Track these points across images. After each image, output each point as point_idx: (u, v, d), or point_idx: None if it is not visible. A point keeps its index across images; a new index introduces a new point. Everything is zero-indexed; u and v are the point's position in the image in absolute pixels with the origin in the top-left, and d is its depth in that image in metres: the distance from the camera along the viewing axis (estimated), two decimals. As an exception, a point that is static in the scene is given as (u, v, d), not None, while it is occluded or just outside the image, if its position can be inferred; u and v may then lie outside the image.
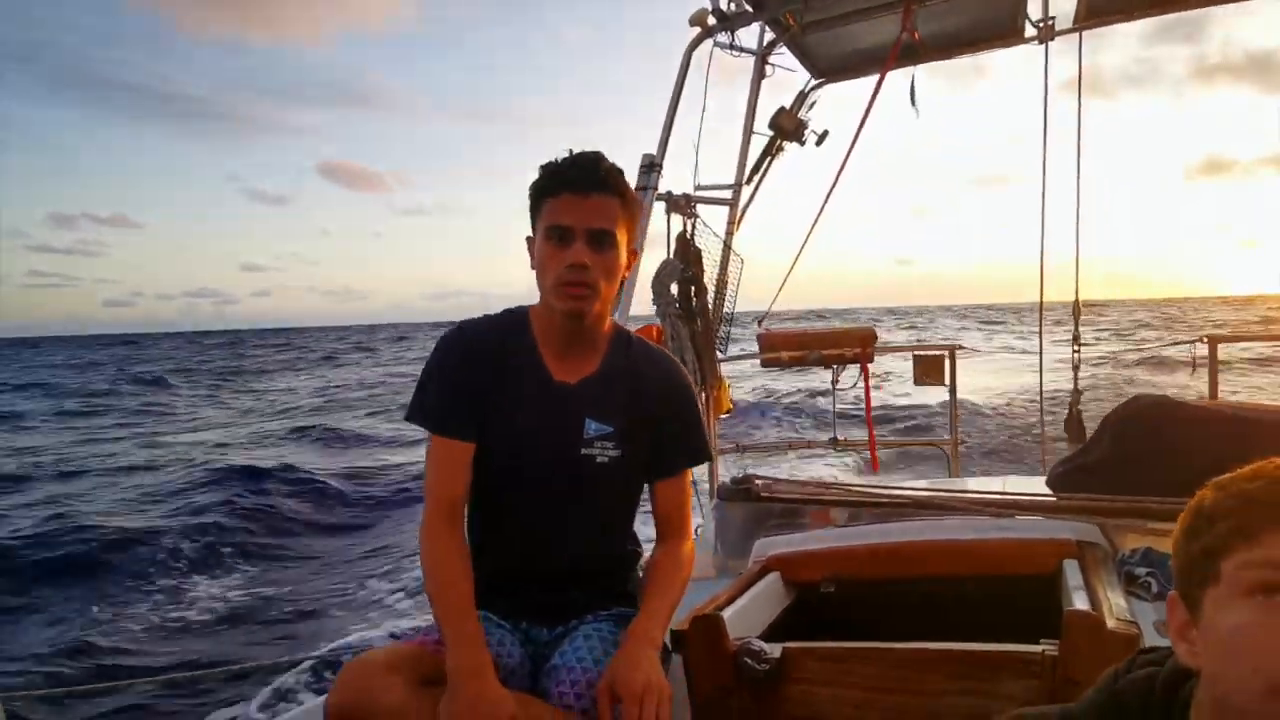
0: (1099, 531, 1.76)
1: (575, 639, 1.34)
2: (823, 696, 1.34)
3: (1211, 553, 0.66)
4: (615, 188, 1.30)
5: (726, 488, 2.37)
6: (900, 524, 1.99)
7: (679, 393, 1.43)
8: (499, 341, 1.37)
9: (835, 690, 1.33)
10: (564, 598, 1.39)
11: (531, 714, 1.18)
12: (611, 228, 1.29)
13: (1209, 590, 0.67)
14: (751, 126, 3.45)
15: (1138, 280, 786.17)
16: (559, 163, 1.30)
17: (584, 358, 1.38)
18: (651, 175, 2.92)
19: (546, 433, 1.35)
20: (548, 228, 1.28)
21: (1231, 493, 0.67)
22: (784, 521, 2.24)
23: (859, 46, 3.43)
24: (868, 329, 3.81)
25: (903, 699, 1.29)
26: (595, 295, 1.29)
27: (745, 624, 1.55)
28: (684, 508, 1.44)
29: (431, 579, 1.27)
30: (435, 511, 1.30)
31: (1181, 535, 0.71)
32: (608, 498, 1.40)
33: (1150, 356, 14.12)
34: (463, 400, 1.33)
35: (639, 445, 1.39)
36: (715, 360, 3.17)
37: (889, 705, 1.29)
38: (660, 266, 2.97)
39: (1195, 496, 0.71)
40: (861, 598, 1.78)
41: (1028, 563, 1.70)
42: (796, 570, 1.84)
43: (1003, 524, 1.87)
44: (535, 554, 1.38)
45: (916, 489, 2.39)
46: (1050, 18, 3.18)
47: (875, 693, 1.30)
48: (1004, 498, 2.05)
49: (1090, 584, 1.47)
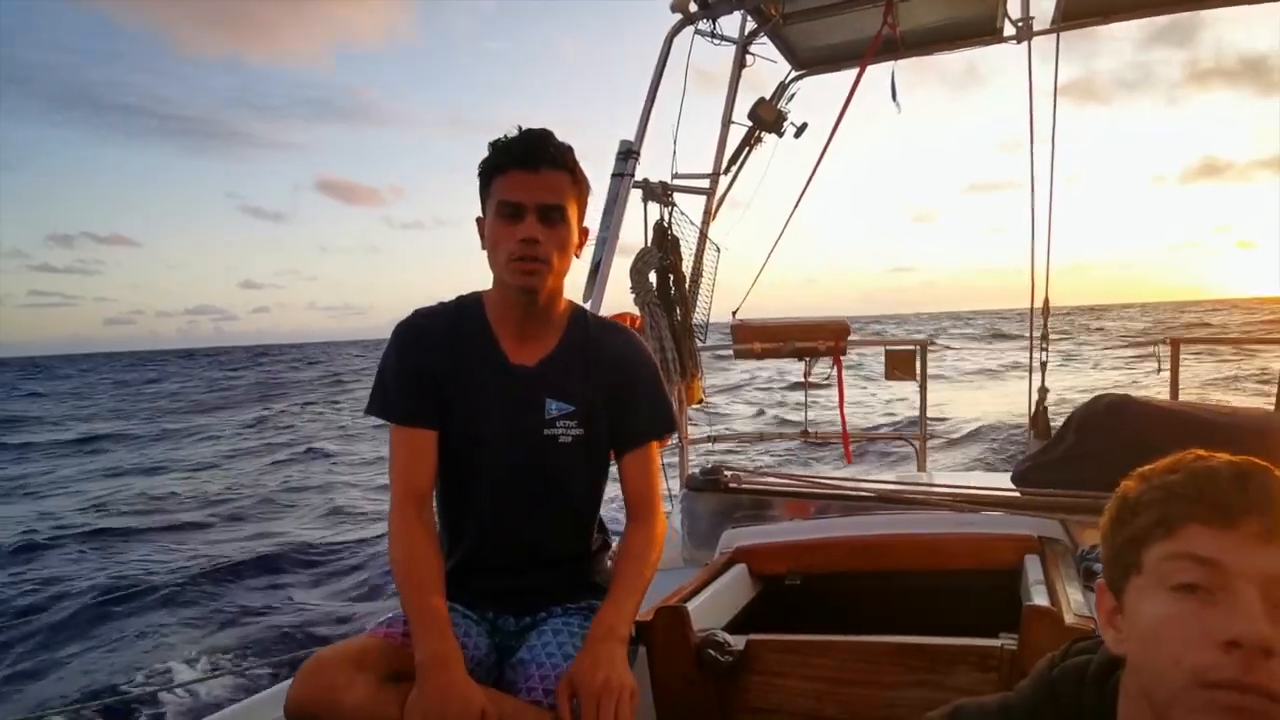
0: (1060, 527, 1.79)
1: (544, 633, 1.32)
2: (784, 688, 1.34)
3: (1134, 542, 0.67)
4: (564, 163, 1.29)
5: (695, 478, 2.37)
6: (867, 518, 2.00)
7: (638, 363, 1.41)
8: (454, 327, 1.35)
9: (796, 682, 1.33)
10: (531, 584, 1.37)
11: (502, 710, 1.15)
12: (562, 202, 1.28)
13: (1132, 579, 0.68)
14: (730, 116, 3.43)
15: (1137, 283, 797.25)
16: (508, 140, 1.29)
17: (541, 338, 1.36)
18: (628, 162, 2.89)
19: (507, 416, 1.33)
20: (499, 203, 1.27)
21: (1153, 484, 0.68)
22: (752, 513, 2.25)
23: (840, 39, 3.43)
24: (841, 322, 3.83)
25: (862, 690, 1.29)
26: (548, 269, 1.28)
27: (710, 615, 1.55)
28: (653, 484, 1.41)
29: (400, 568, 1.24)
30: (402, 501, 1.28)
31: (1108, 524, 0.72)
32: (573, 478, 1.38)
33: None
34: (420, 388, 1.31)
35: (601, 422, 1.37)
36: (695, 350, 3.16)
37: (848, 696, 1.30)
38: (638, 255, 2.95)
39: (1121, 486, 0.72)
40: (827, 590, 1.78)
41: (990, 558, 1.72)
42: (763, 562, 1.84)
43: (967, 519, 1.89)
44: (501, 539, 1.36)
45: (884, 483, 2.40)
46: (1029, 18, 3.20)
47: (835, 684, 1.31)
48: (969, 493, 2.07)
49: (1050, 579, 1.49)
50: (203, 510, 10.21)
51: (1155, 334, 32.20)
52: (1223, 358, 15.95)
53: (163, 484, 12.42)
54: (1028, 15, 3.20)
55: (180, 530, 9.21)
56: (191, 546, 8.39)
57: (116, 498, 11.36)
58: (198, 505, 10.54)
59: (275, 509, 10.15)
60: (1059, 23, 3.21)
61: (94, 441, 18.66)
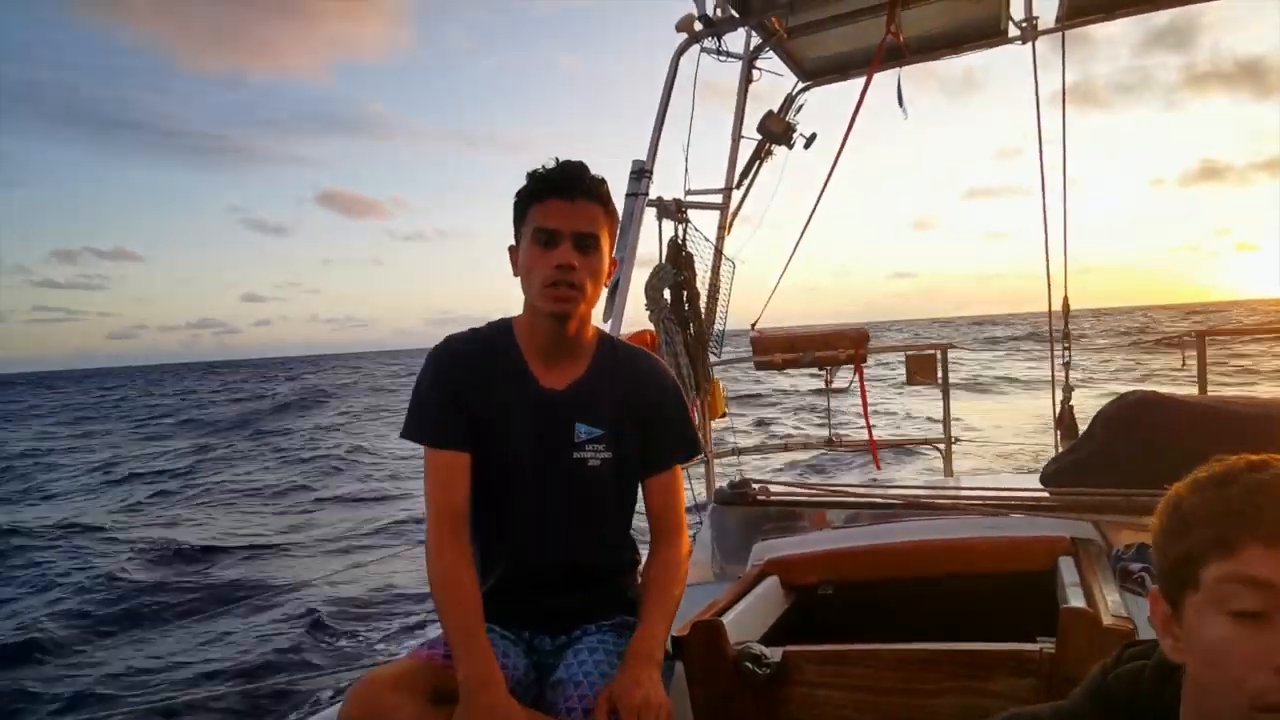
0: (1093, 528, 1.78)
1: (579, 651, 1.34)
2: (823, 699, 1.34)
3: (1191, 558, 0.67)
4: (599, 195, 1.33)
5: (723, 491, 2.37)
6: (896, 525, 2.00)
7: (663, 388, 1.44)
8: (485, 352, 1.38)
9: (835, 692, 1.34)
10: (565, 603, 1.39)
11: None
12: (596, 231, 1.32)
13: (1189, 595, 0.68)
14: (740, 131, 3.47)
15: (1138, 286, 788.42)
16: (546, 170, 1.33)
17: (571, 363, 1.39)
18: (642, 181, 2.93)
19: (537, 439, 1.36)
20: (535, 230, 1.31)
21: (1207, 498, 0.67)
22: (781, 524, 2.25)
23: (845, 49, 3.46)
24: (860, 329, 3.82)
25: (902, 699, 1.29)
26: (581, 297, 1.31)
27: (745, 628, 1.56)
28: (677, 505, 1.44)
29: (439, 590, 1.27)
30: (438, 523, 1.31)
31: (1160, 534, 0.71)
32: (602, 501, 1.40)
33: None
34: (454, 412, 1.34)
35: (629, 445, 1.40)
36: (708, 364, 3.17)
37: (888, 705, 1.30)
38: (652, 272, 2.97)
39: (1170, 493, 0.72)
40: (860, 599, 1.78)
41: (1023, 561, 1.71)
42: (794, 573, 1.85)
43: (998, 523, 1.88)
44: (533, 560, 1.39)
45: (912, 489, 2.40)
46: (1033, 18, 3.21)
47: (875, 694, 1.31)
48: (998, 496, 2.06)
49: (1085, 581, 1.48)
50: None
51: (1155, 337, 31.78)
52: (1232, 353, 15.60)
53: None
54: (1031, 15, 3.21)
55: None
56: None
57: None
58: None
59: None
60: (1063, 21, 3.22)
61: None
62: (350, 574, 7.93)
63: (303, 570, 8.33)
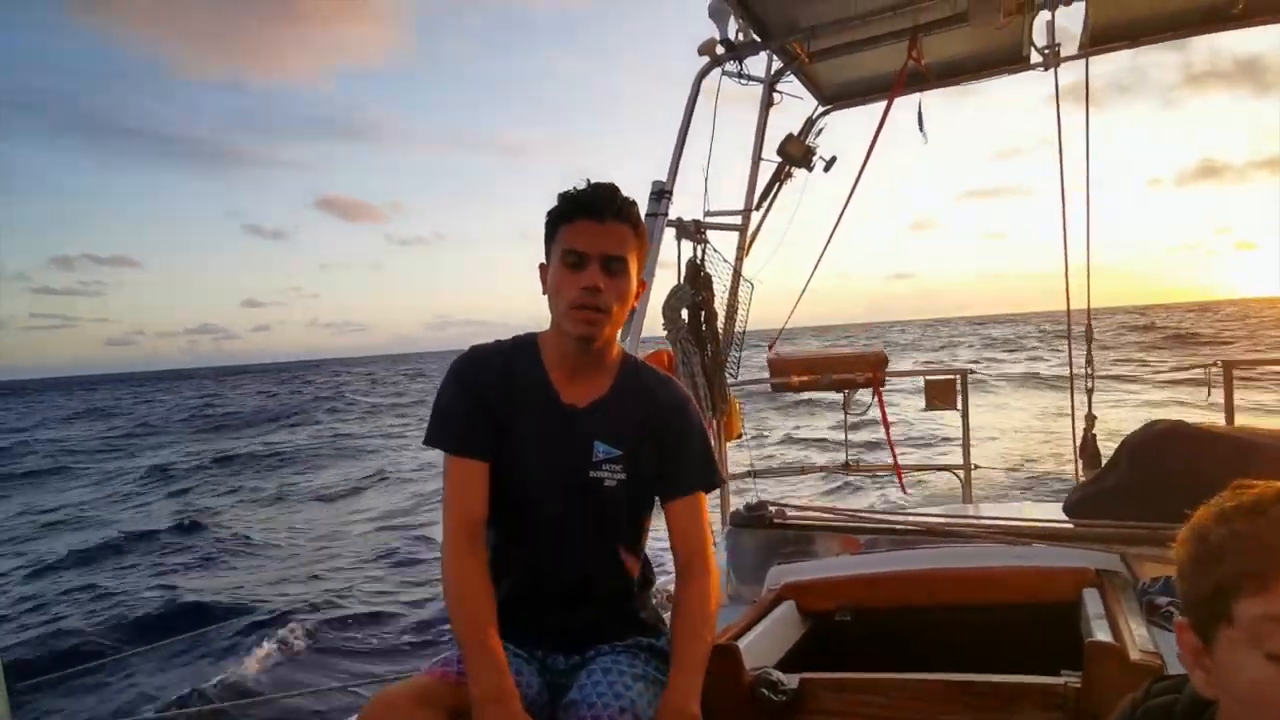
0: (1119, 560, 1.74)
1: (594, 672, 1.32)
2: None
3: (1223, 591, 0.65)
4: (629, 217, 1.34)
5: (739, 514, 2.35)
6: (916, 552, 1.97)
7: (684, 414, 1.43)
8: (508, 365, 1.39)
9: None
10: (578, 621, 1.38)
11: None
12: (624, 254, 1.33)
13: (1223, 630, 0.66)
14: (760, 153, 3.48)
15: (1138, 284, 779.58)
16: (577, 191, 1.34)
17: (593, 381, 1.40)
18: (662, 202, 2.95)
19: (556, 455, 1.36)
20: (564, 251, 1.31)
21: (1237, 530, 0.66)
22: (798, 548, 2.23)
23: (865, 74, 3.47)
24: (878, 352, 3.80)
25: None
26: (607, 319, 1.32)
27: (761, 653, 1.54)
28: (704, 536, 1.41)
29: (453, 600, 1.27)
30: (456, 532, 1.31)
31: (1188, 565, 0.70)
32: (617, 520, 1.40)
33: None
34: (476, 421, 1.35)
35: (646, 468, 1.39)
36: (725, 385, 3.16)
37: None
38: (671, 292, 2.98)
39: (1195, 521, 0.70)
40: (877, 626, 1.76)
41: (1047, 592, 1.68)
42: (811, 599, 1.82)
43: (1020, 552, 1.85)
44: (547, 577, 1.38)
45: (932, 516, 2.36)
46: (1055, 44, 3.21)
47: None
48: (1021, 525, 2.03)
49: (1111, 614, 1.45)
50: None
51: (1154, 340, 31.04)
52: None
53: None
54: (1054, 42, 3.21)
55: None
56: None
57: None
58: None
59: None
60: (1086, 48, 3.22)
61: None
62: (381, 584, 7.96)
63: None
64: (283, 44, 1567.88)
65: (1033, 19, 3.12)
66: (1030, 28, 3.20)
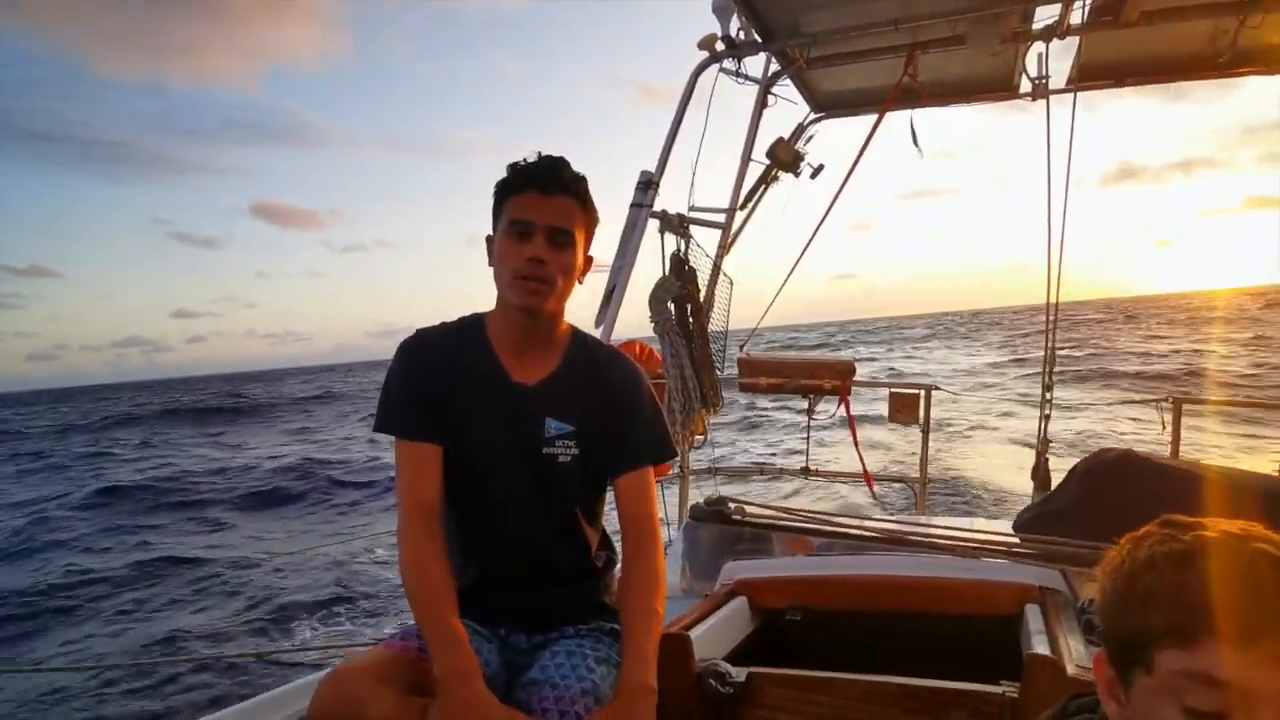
0: (1061, 578, 1.80)
1: (556, 653, 1.33)
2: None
3: (1143, 637, 0.65)
4: (577, 191, 1.33)
5: (699, 508, 2.38)
6: (868, 558, 2.01)
7: (637, 389, 1.43)
8: (455, 345, 1.38)
9: (796, 717, 1.34)
10: (540, 602, 1.39)
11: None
12: (570, 228, 1.32)
13: (1140, 675, 0.66)
14: (750, 154, 3.50)
15: (1068, 282, 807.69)
16: (526, 163, 1.33)
17: (542, 358, 1.39)
18: (648, 192, 2.95)
19: (507, 434, 1.35)
20: (510, 221, 1.31)
21: (1166, 581, 0.65)
22: (753, 546, 2.26)
23: (861, 85, 3.51)
24: (847, 362, 3.86)
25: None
26: (551, 290, 1.31)
27: (711, 645, 1.56)
28: (650, 509, 1.40)
29: (412, 583, 1.26)
30: (410, 515, 1.30)
31: (1111, 599, 0.69)
32: (572, 497, 1.39)
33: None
34: (424, 404, 1.34)
35: (599, 443, 1.39)
36: (716, 379, 3.17)
37: None
38: (657, 284, 2.98)
39: (1122, 555, 0.70)
40: (826, 627, 1.79)
41: (990, 604, 1.73)
42: (763, 595, 1.85)
43: (968, 564, 1.90)
44: (507, 555, 1.38)
45: (886, 523, 2.41)
46: (1046, 76, 3.28)
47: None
48: (970, 538, 2.08)
49: (1051, 629, 1.50)
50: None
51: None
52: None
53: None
54: (1045, 74, 3.28)
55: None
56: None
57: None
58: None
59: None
60: (1075, 83, 3.29)
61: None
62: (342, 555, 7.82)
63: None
64: (208, 44, 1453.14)
65: (1027, 49, 3.18)
66: (1023, 58, 3.27)
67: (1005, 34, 2.96)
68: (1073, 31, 2.96)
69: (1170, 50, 3.11)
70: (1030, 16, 2.92)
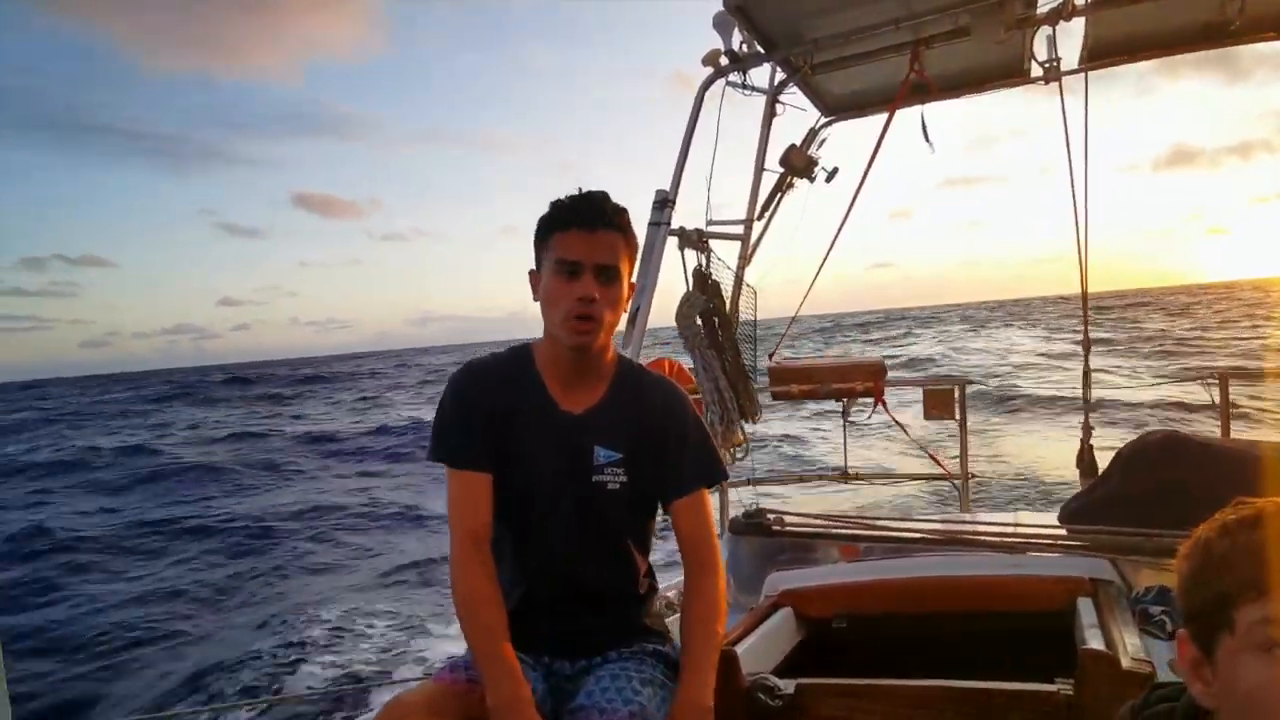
0: (1112, 568, 1.76)
1: (601, 678, 1.34)
2: None
3: (1224, 600, 0.68)
4: (620, 225, 1.36)
5: (738, 521, 2.37)
6: (912, 560, 1.99)
7: (683, 412, 1.45)
8: (505, 377, 1.42)
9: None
10: (585, 627, 1.40)
11: None
12: (617, 263, 1.35)
13: (1223, 637, 0.68)
14: (763, 163, 3.51)
15: (1114, 270, 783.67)
16: (568, 200, 1.36)
17: (590, 387, 1.42)
18: (665, 211, 2.97)
19: (557, 462, 1.38)
20: (557, 261, 1.33)
21: (1238, 542, 0.69)
22: (796, 555, 2.24)
23: (868, 85, 3.50)
24: (877, 361, 3.83)
25: None
26: (601, 327, 1.35)
27: (758, 659, 1.55)
28: (708, 533, 1.42)
29: (464, 611, 1.29)
30: (462, 544, 1.33)
31: (1188, 578, 0.72)
32: (620, 524, 1.42)
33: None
34: (475, 434, 1.37)
35: (647, 469, 1.41)
36: (752, 391, 3.16)
37: None
38: (683, 300, 2.99)
39: (1196, 536, 0.73)
40: (874, 634, 1.77)
41: (1040, 600, 1.69)
42: (809, 605, 1.84)
43: (1015, 561, 1.87)
44: (553, 584, 1.40)
45: (929, 524, 2.38)
46: (1056, 59, 3.24)
47: None
48: (1016, 534, 2.05)
49: (1104, 622, 1.47)
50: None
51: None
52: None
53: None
54: (1055, 56, 3.24)
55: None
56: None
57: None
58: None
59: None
60: (1086, 63, 3.25)
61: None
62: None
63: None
64: (250, 38, 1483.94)
65: (1034, 33, 3.15)
66: (1031, 42, 3.23)
67: (1010, 21, 2.93)
68: (1079, 12, 2.92)
69: (1180, 22, 3.05)
70: (1034, 2, 2.89)
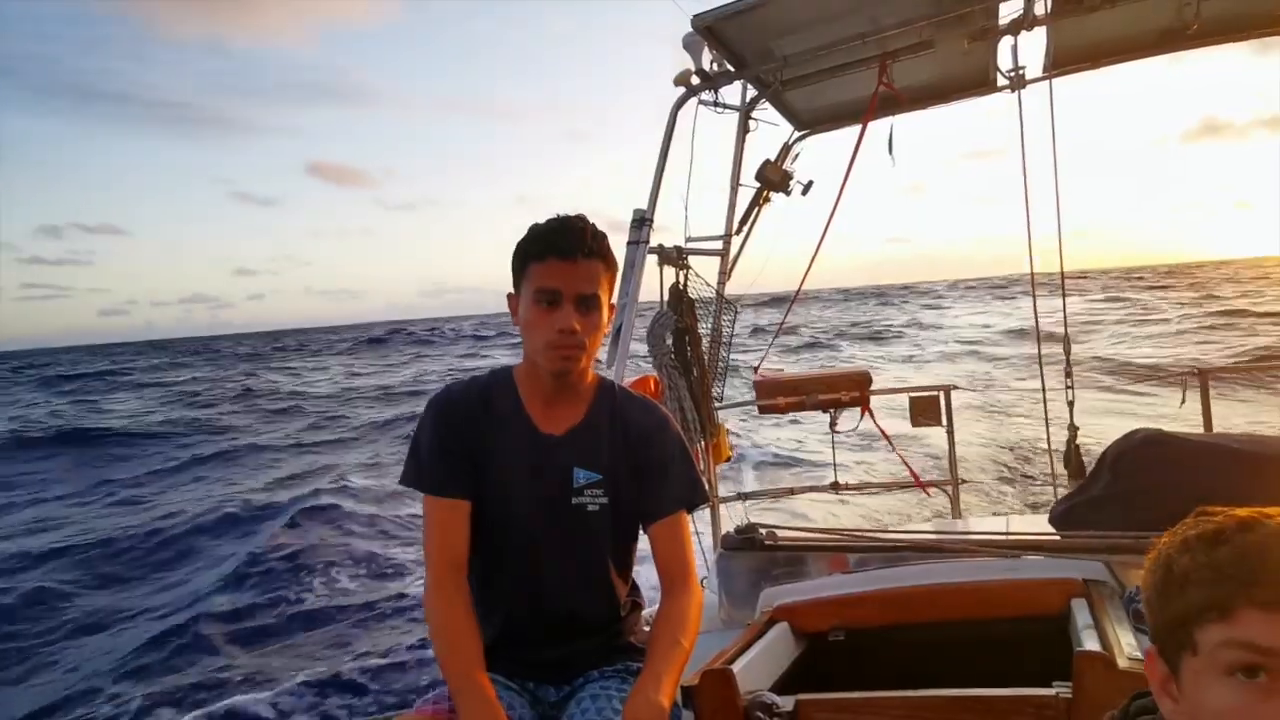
0: (1105, 569, 1.76)
1: (582, 700, 1.32)
2: None
3: (1186, 621, 0.67)
4: (599, 251, 1.35)
5: (730, 537, 2.36)
6: (906, 569, 1.98)
7: (664, 433, 1.44)
8: (484, 400, 1.40)
9: None
10: (567, 652, 1.38)
11: None
12: (597, 290, 1.34)
13: (1186, 658, 0.68)
14: (738, 179, 3.54)
15: (1142, 246, 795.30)
16: (545, 228, 1.34)
17: (570, 408, 1.41)
18: (643, 229, 2.98)
19: (536, 485, 1.36)
20: (536, 290, 1.32)
21: (1199, 560, 0.67)
22: (789, 569, 2.23)
23: (839, 99, 3.56)
24: (862, 372, 3.84)
25: None
26: (583, 353, 1.34)
27: (755, 677, 1.53)
28: (684, 554, 1.40)
29: (439, 638, 1.26)
30: (438, 573, 1.30)
31: (1151, 593, 0.71)
32: (601, 546, 1.40)
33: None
34: (453, 459, 1.35)
35: (627, 491, 1.39)
36: (713, 410, 3.18)
37: None
38: (654, 319, 3.01)
39: (1159, 551, 0.72)
40: (871, 645, 1.76)
41: (1035, 604, 1.69)
42: (804, 619, 1.82)
43: (1008, 565, 1.87)
44: (534, 607, 1.38)
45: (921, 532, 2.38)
46: (1021, 68, 3.31)
47: None
48: (1008, 538, 2.05)
49: (1099, 623, 1.46)
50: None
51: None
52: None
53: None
54: (1019, 66, 3.31)
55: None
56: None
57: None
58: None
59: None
60: (1050, 71, 3.32)
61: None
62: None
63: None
64: (264, 3, 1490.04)
65: (997, 44, 3.22)
66: (995, 52, 3.30)
67: (972, 33, 3.00)
68: (1039, 22, 2.99)
69: (1140, 28, 3.13)
70: (995, 13, 2.96)
